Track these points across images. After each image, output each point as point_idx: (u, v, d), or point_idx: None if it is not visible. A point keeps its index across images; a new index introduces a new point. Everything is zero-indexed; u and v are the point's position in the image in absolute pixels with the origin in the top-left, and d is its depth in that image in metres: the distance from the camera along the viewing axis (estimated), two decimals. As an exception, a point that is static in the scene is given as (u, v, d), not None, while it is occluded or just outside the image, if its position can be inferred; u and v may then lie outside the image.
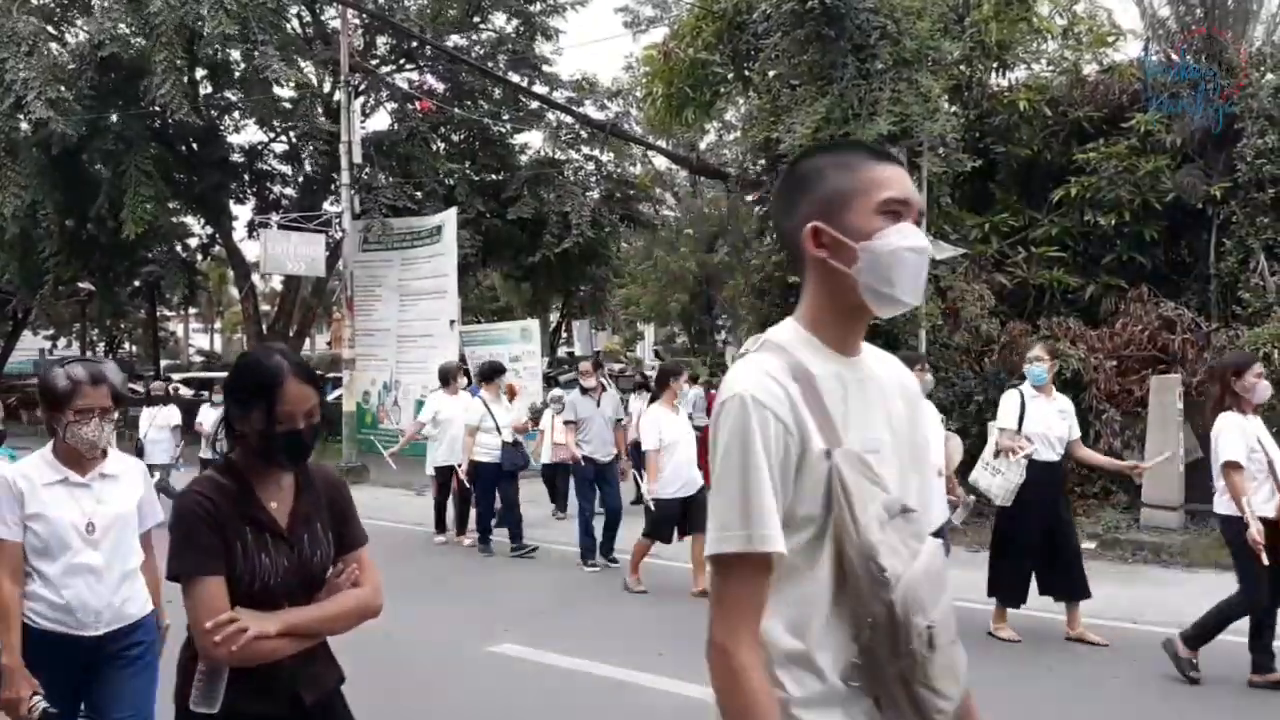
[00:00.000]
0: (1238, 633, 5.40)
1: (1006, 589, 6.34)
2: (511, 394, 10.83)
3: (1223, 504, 5.39)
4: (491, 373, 10.17)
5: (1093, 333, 10.85)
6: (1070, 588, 6.27)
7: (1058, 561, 6.24)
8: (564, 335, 28.23)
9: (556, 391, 12.23)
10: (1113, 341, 10.66)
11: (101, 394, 3.10)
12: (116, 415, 3.19)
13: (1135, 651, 5.94)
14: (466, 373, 13.81)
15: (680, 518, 7.74)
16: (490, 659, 6.05)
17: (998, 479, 6.30)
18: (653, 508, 7.84)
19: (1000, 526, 6.50)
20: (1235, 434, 5.32)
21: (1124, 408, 10.17)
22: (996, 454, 6.35)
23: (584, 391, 9.49)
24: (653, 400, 8.64)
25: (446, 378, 10.69)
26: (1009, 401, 6.45)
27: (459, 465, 9.89)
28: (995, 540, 6.56)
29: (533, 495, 11.44)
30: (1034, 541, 6.24)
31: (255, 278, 23.17)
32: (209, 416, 12.31)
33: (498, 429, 9.65)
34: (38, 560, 3.08)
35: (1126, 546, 9.01)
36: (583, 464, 9.13)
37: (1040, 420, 6.31)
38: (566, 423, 9.51)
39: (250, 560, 2.24)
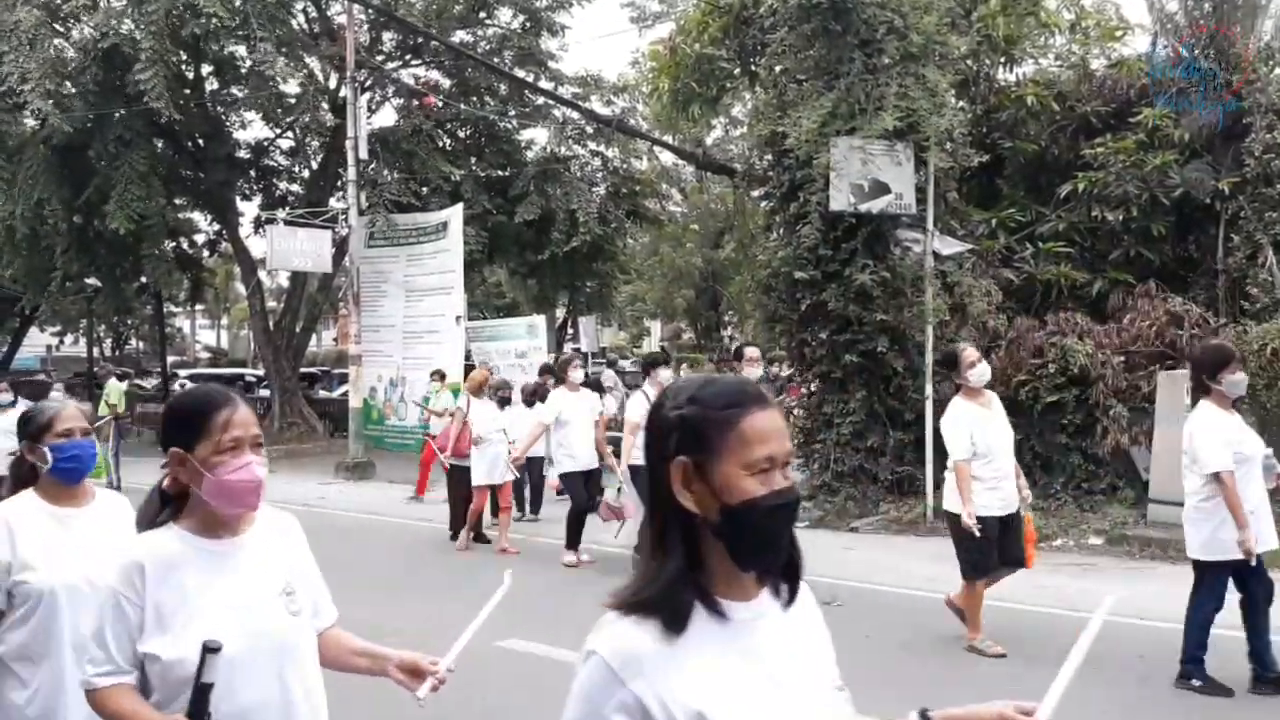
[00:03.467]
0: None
1: None
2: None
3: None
4: (654, 364, 8.72)
5: (1100, 328, 10.82)
6: None
7: None
8: (570, 331, 28.25)
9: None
10: (1120, 337, 10.63)
11: None
12: None
13: (1143, 649, 5.91)
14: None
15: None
16: (498, 654, 6.05)
17: None
18: (978, 533, 5.92)
19: None
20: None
21: (1131, 403, 10.13)
22: None
23: None
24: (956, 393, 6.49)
25: (561, 373, 9.29)
26: None
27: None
28: None
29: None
30: None
31: (262, 274, 23.21)
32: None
33: None
34: None
35: (1134, 542, 8.99)
36: None
37: None
38: None
39: None
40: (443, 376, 13.88)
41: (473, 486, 9.74)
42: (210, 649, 1.84)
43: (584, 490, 9.01)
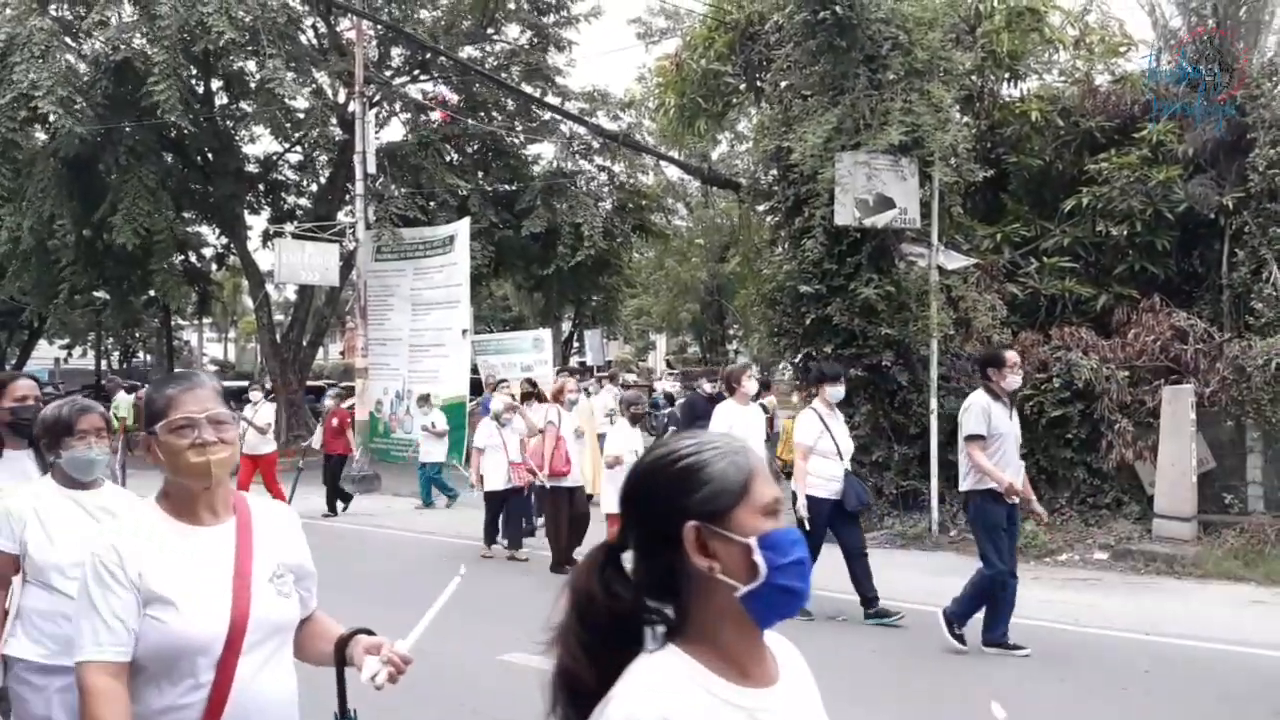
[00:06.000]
0: (1259, 646, 5.39)
1: None
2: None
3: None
4: (823, 380, 7.64)
5: (1105, 343, 10.82)
6: None
7: None
8: (576, 345, 28.31)
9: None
10: (1125, 352, 10.63)
11: None
12: None
13: (1150, 663, 5.91)
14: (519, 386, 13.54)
15: None
16: (500, 667, 6.07)
17: None
18: None
19: None
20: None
21: (1136, 418, 10.13)
22: None
23: (994, 395, 6.34)
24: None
25: (733, 383, 8.19)
26: None
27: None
28: None
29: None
30: None
31: (269, 287, 23.31)
32: None
33: (839, 453, 7.21)
34: None
35: (1139, 557, 8.97)
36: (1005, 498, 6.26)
37: None
38: (969, 437, 6.29)
39: None
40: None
41: (611, 514, 8.43)
42: None
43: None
